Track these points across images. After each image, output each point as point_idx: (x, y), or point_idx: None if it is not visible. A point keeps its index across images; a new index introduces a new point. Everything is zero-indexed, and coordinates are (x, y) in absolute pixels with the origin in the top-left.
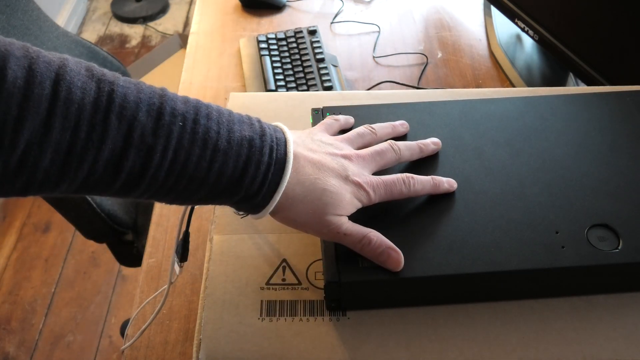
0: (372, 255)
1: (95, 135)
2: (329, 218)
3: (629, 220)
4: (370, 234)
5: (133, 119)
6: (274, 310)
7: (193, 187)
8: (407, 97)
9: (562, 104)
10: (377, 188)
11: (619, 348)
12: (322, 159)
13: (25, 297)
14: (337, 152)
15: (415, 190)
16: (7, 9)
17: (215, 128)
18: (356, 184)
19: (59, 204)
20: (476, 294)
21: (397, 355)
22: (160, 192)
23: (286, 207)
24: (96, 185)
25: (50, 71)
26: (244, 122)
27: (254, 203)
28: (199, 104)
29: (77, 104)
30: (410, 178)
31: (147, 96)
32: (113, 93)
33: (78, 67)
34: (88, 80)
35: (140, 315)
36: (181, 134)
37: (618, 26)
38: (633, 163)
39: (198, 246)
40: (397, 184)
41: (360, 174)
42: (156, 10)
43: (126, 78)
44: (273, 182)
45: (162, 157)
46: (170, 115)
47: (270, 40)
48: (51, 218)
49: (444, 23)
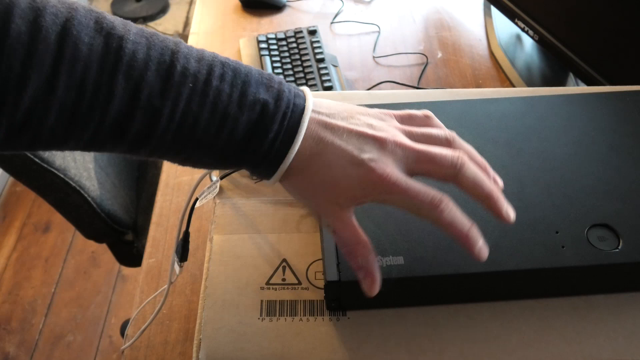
0: (352, 263)
1: (101, 95)
2: (324, 202)
3: (629, 220)
4: (357, 247)
5: (141, 78)
6: (274, 310)
7: (201, 150)
8: (407, 97)
9: (562, 104)
10: (392, 187)
11: (619, 348)
12: (332, 137)
13: (25, 297)
14: (368, 132)
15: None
16: None
17: (227, 90)
18: (368, 169)
19: (59, 204)
20: (476, 294)
21: (397, 355)
22: (169, 153)
23: (294, 177)
24: (103, 144)
25: (57, 24)
26: (261, 83)
27: (262, 170)
28: (214, 61)
29: (82, 61)
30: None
31: (158, 53)
32: (121, 50)
33: (87, 19)
34: (96, 34)
35: (140, 315)
36: (190, 96)
37: (618, 26)
38: (633, 163)
39: (198, 246)
40: (420, 197)
41: (382, 160)
42: (156, 10)
43: (139, 30)
44: (280, 151)
45: (169, 119)
46: (180, 75)
47: (270, 40)
48: (51, 218)
49: (444, 23)
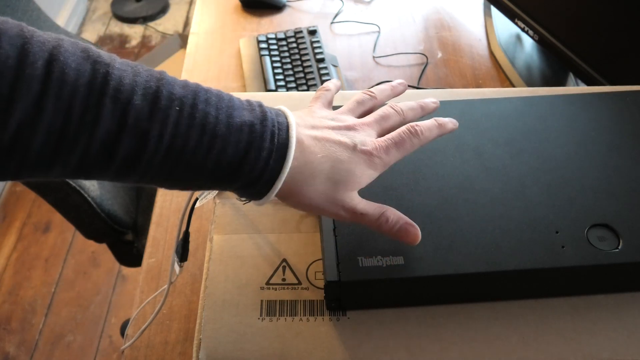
0: (389, 232)
1: (88, 118)
2: (342, 196)
3: (629, 220)
4: (388, 211)
5: (128, 102)
6: (274, 310)
7: (191, 173)
8: (407, 97)
9: (562, 104)
10: (388, 150)
11: (619, 348)
12: (327, 135)
13: (25, 297)
14: (340, 125)
15: (425, 136)
16: (7, 9)
17: (214, 113)
18: (366, 152)
19: (59, 204)
20: (476, 294)
21: (397, 355)
22: (158, 178)
23: (296, 192)
24: (91, 169)
25: (44, 51)
26: (244, 108)
27: (256, 190)
28: (199, 88)
29: (70, 85)
30: (415, 126)
31: (144, 79)
32: (108, 75)
33: (74, 48)
34: (83, 61)
35: (140, 315)
36: (178, 119)
37: (618, 26)
38: (633, 163)
39: (198, 246)
40: (405, 138)
41: (367, 141)
42: (156, 10)
43: (124, 60)
44: (275, 169)
45: (157, 142)
46: (167, 100)
47: (270, 40)
48: (51, 218)
49: (444, 23)
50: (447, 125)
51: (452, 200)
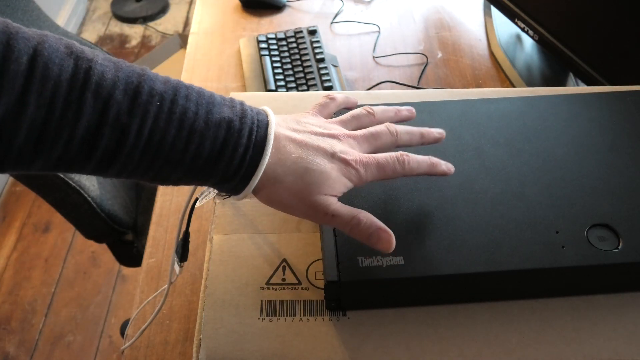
0: (362, 237)
1: (70, 112)
2: (315, 198)
3: (629, 220)
4: (360, 214)
5: (109, 97)
6: (274, 310)
7: (169, 167)
8: (407, 97)
9: (562, 104)
10: (368, 166)
11: (619, 348)
12: (306, 139)
13: (25, 297)
14: (324, 132)
15: (411, 168)
16: (7, 9)
17: (194, 109)
18: (343, 161)
19: (59, 204)
20: (476, 294)
21: (397, 355)
22: (137, 171)
23: (268, 188)
24: (72, 162)
25: (28, 47)
26: (224, 105)
27: (233, 185)
28: (180, 84)
29: (53, 80)
30: (405, 156)
31: (126, 75)
32: (90, 70)
33: (57, 44)
34: (66, 57)
35: (140, 315)
36: (157, 114)
37: (618, 26)
38: (633, 163)
39: (198, 246)
40: (390, 163)
41: (349, 151)
42: (156, 10)
43: (106, 56)
44: (251, 164)
45: (137, 136)
46: (147, 95)
47: (270, 40)
48: (51, 218)
49: (444, 23)
50: (439, 167)
51: (452, 200)
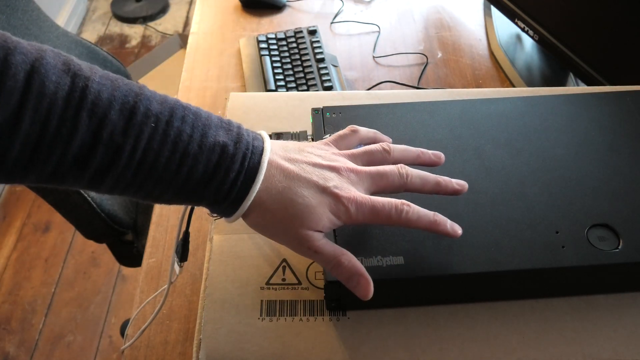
0: (341, 278)
1: (64, 130)
2: (298, 231)
3: (629, 220)
4: (342, 257)
5: (104, 116)
6: (274, 310)
7: (161, 187)
8: (407, 97)
9: (562, 104)
10: (361, 206)
11: (619, 348)
12: (298, 170)
13: (25, 297)
14: (324, 164)
15: (408, 220)
16: (7, 9)
17: (189, 131)
18: (335, 196)
19: (59, 204)
20: (476, 294)
21: (397, 355)
22: (130, 190)
23: (255, 214)
24: (64, 178)
25: (26, 63)
26: (221, 127)
27: (222, 208)
28: (177, 105)
29: (49, 98)
30: (405, 205)
31: (122, 94)
32: (87, 89)
33: (55, 60)
34: (63, 74)
35: (140, 315)
36: (152, 135)
37: (618, 26)
38: (633, 163)
39: (198, 246)
40: (386, 208)
41: (344, 187)
42: (156, 10)
43: (104, 73)
44: (242, 190)
45: (130, 156)
46: (143, 116)
47: (270, 40)
48: (51, 218)
49: (444, 23)
50: (441, 227)
51: (452, 200)
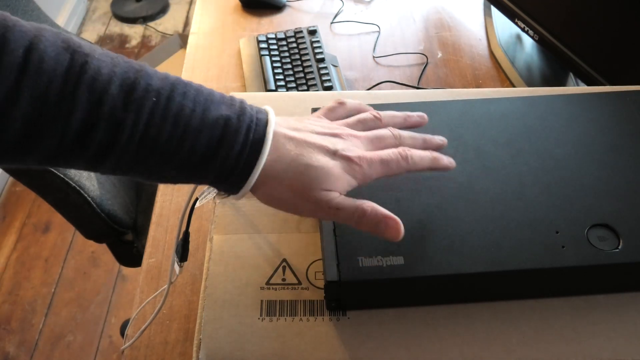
0: (369, 227)
1: (64, 106)
2: (316, 194)
3: (629, 220)
4: (364, 204)
5: (104, 92)
6: (274, 310)
7: (164, 163)
8: (407, 97)
9: (562, 104)
10: (372, 162)
11: (619, 348)
12: (306, 137)
13: (25, 297)
14: (326, 131)
15: (414, 162)
16: (7, 9)
17: (191, 106)
18: (346, 158)
19: (59, 204)
20: (476, 294)
21: (397, 355)
22: (132, 168)
23: (267, 186)
24: (67, 157)
25: (25, 40)
26: (223, 103)
27: (230, 182)
28: (178, 81)
29: (47, 74)
30: (407, 150)
31: (123, 70)
32: (86, 65)
33: (54, 38)
34: (62, 51)
35: (140, 315)
36: (153, 110)
37: (618, 26)
38: (633, 163)
39: (198, 246)
40: (393, 158)
41: (351, 149)
42: (156, 10)
43: (105, 51)
44: (248, 162)
45: (131, 131)
46: (143, 91)
47: (270, 40)
48: (51, 218)
49: (444, 23)
50: (442, 161)
51: (452, 200)
